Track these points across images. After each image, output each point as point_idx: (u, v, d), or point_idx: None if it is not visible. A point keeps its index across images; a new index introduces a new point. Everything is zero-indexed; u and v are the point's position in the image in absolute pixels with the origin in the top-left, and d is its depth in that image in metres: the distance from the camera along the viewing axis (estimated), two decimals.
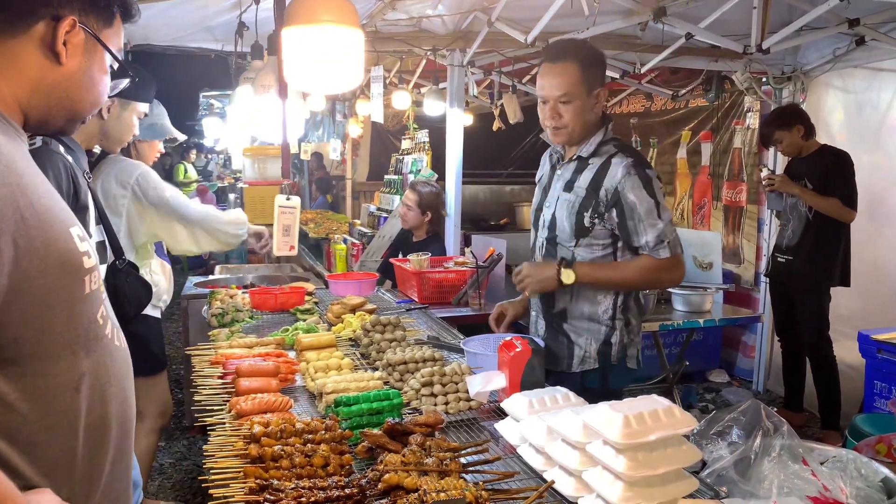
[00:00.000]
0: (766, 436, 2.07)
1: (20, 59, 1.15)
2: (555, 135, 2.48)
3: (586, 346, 2.50)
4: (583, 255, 2.47)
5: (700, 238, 4.98)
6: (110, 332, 1.29)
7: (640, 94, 7.59)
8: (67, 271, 1.14)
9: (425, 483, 1.53)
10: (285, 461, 1.64)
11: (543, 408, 1.88)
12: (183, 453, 4.51)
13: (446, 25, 4.61)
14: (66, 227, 1.17)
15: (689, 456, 1.52)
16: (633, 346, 2.54)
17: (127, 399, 1.34)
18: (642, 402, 1.55)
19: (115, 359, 1.30)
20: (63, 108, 1.24)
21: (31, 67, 1.16)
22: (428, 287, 3.93)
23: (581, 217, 2.44)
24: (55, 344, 1.14)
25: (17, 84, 1.17)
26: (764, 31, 3.83)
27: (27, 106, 1.20)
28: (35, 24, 1.15)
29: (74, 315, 1.17)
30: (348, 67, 1.50)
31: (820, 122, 5.06)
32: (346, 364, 2.42)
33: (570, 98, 2.38)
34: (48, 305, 1.12)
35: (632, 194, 2.33)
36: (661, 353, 4.77)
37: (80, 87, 1.24)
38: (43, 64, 1.17)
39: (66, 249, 1.15)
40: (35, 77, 1.17)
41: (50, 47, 1.16)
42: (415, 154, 6.47)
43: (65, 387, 1.16)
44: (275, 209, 2.16)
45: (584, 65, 2.39)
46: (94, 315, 1.22)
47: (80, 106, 1.27)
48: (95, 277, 1.23)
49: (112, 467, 1.30)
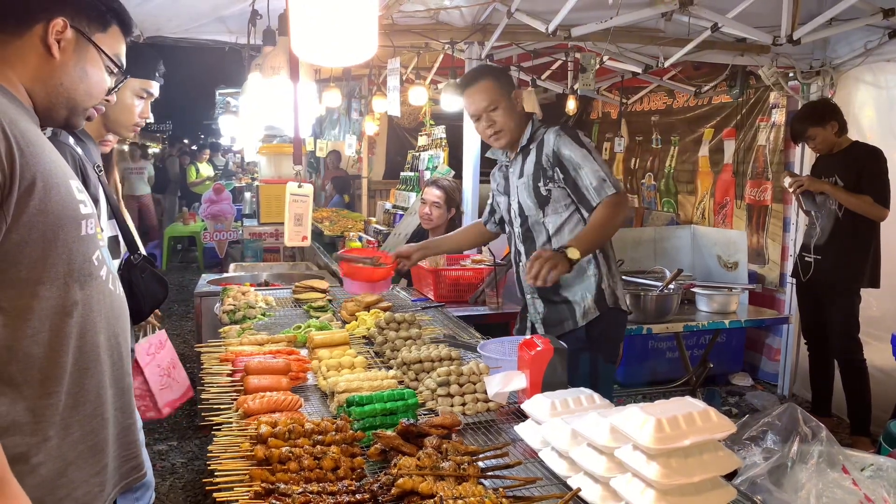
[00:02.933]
0: (804, 441, 1.95)
1: (25, 55, 1.41)
2: (497, 139, 2.86)
3: (583, 301, 2.80)
4: (553, 221, 2.81)
5: (724, 237, 4.84)
6: (105, 275, 1.49)
7: (661, 91, 7.46)
8: (65, 214, 1.35)
9: (441, 489, 1.43)
10: (293, 463, 1.55)
11: (567, 410, 1.78)
12: (195, 453, 4.45)
13: (464, 18, 4.52)
14: (66, 178, 1.39)
15: (727, 463, 1.41)
16: (619, 289, 2.85)
17: (118, 335, 1.52)
18: (676, 405, 1.44)
19: (109, 299, 1.49)
20: (60, 96, 1.46)
21: (32, 61, 1.41)
22: (444, 285, 3.84)
23: (538, 189, 2.80)
24: (49, 273, 1.34)
25: (23, 75, 1.41)
26: (794, 21, 3.70)
27: (31, 92, 1.43)
28: (35, 25, 1.40)
29: (70, 252, 1.37)
30: (361, 37, 1.40)
31: (850, 119, 4.89)
32: (360, 362, 2.32)
33: (496, 105, 2.79)
34: (47, 239, 1.32)
35: (566, 149, 2.71)
36: (683, 354, 4.65)
37: (72, 78, 1.46)
38: (41, 58, 1.41)
39: (66, 195, 1.36)
40: (35, 68, 1.42)
41: (44, 42, 1.40)
42: (431, 150, 6.38)
43: (56, 310, 1.35)
44: (286, 197, 2.07)
45: (494, 77, 2.83)
46: (88, 255, 1.42)
47: (75, 94, 1.48)
48: (91, 224, 1.43)
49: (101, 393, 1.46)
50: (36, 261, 1.32)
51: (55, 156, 1.40)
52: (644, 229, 5.83)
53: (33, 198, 1.29)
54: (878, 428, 4.21)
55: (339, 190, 10.16)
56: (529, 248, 2.88)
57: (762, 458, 2.00)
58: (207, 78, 13.28)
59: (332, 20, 1.39)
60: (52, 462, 1.36)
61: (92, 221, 1.44)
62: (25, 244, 1.30)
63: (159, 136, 22.35)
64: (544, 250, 2.46)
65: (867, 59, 4.76)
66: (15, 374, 1.31)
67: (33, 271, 1.32)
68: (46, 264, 1.33)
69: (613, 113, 8.54)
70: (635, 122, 8.10)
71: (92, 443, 1.45)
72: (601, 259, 2.80)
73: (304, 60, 1.81)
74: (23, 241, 1.29)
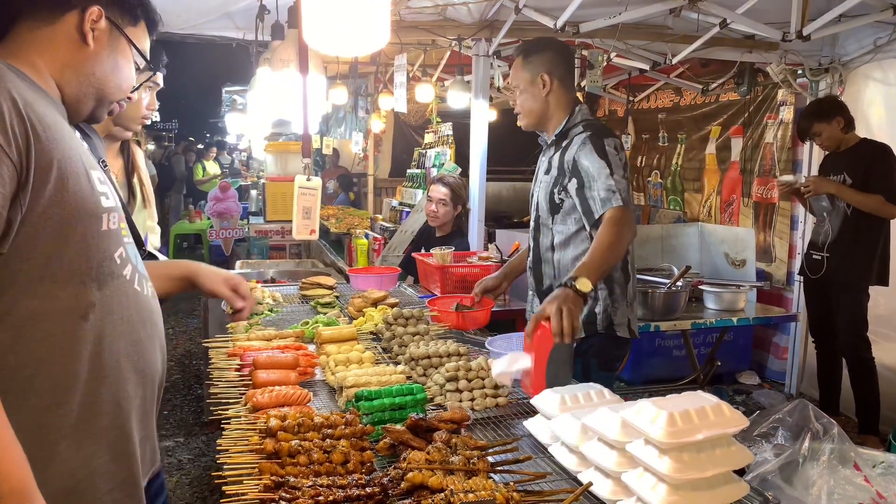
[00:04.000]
0: (815, 438, 1.94)
1: (56, 42, 1.36)
2: (519, 119, 2.75)
3: None
4: (560, 231, 2.66)
5: (732, 234, 4.82)
6: (130, 275, 1.40)
7: (668, 89, 7.43)
8: (84, 206, 1.27)
9: (452, 483, 1.42)
10: (303, 457, 1.54)
11: (577, 405, 1.77)
12: (202, 449, 4.45)
13: (472, 14, 4.51)
14: (86, 167, 1.31)
15: (740, 458, 1.40)
16: (620, 315, 2.62)
17: (143, 341, 1.42)
18: (688, 399, 1.43)
19: (134, 301, 1.40)
20: (91, 85, 1.41)
21: (64, 49, 1.36)
22: (451, 282, 3.82)
23: (552, 195, 2.65)
24: (64, 270, 1.25)
25: (52, 63, 1.36)
26: (804, 17, 3.68)
27: (61, 81, 1.38)
28: (68, 12, 1.36)
29: (89, 248, 1.29)
30: (373, 26, 1.40)
31: (858, 116, 4.87)
32: (368, 357, 2.32)
33: (516, 85, 2.68)
34: (62, 233, 1.24)
35: (585, 160, 2.50)
36: (691, 352, 4.63)
37: (104, 68, 1.41)
38: (73, 46, 1.37)
39: (85, 185, 1.29)
40: (67, 56, 1.37)
41: (79, 30, 1.36)
42: (438, 148, 6.37)
43: (70, 312, 1.27)
44: (294, 190, 2.06)
45: (524, 56, 2.66)
46: (110, 252, 1.34)
47: (106, 86, 1.43)
48: (115, 218, 1.35)
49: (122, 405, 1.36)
50: (49, 256, 1.23)
51: (75, 143, 1.33)
52: (652, 227, 5.81)
53: (49, 186, 1.21)
54: (887, 426, 4.19)
55: (344, 188, 10.16)
56: (536, 244, 2.78)
57: (773, 454, 1.99)
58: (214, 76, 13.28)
59: (344, 9, 1.37)
60: (60, 479, 1.26)
61: (115, 216, 1.36)
62: (38, 238, 1.21)
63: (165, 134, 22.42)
64: (555, 301, 2.08)
65: (876, 55, 4.73)
66: (21, 382, 1.21)
67: (46, 269, 1.23)
68: (62, 261, 1.25)
69: (620, 111, 8.51)
70: (642, 120, 8.08)
71: (108, 458, 1.35)
72: (602, 282, 2.59)
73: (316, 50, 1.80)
74: (36, 235, 1.21)
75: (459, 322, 2.90)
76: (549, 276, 2.71)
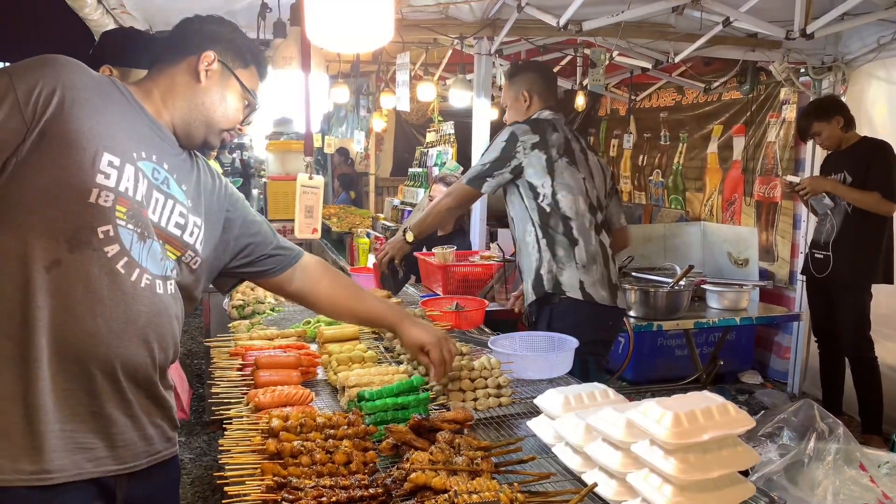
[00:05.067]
0: (821, 438, 1.92)
1: (174, 77, 1.62)
2: None
3: (527, 280, 2.98)
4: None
5: (735, 234, 4.81)
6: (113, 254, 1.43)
7: (670, 88, 7.41)
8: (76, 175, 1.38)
9: (455, 484, 1.41)
10: (305, 457, 1.53)
11: (580, 405, 1.76)
12: (203, 449, 4.44)
13: (474, 12, 4.49)
14: (100, 147, 1.41)
15: (746, 458, 1.39)
16: (567, 276, 2.86)
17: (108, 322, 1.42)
18: (694, 399, 1.42)
19: (111, 281, 1.43)
20: (199, 113, 1.63)
21: (180, 83, 1.61)
22: (453, 281, 3.81)
23: None
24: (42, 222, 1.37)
25: (166, 93, 1.60)
26: (808, 15, 3.66)
27: (172, 108, 1.61)
28: (189, 56, 1.62)
29: (69, 212, 1.38)
30: (376, 22, 1.39)
31: (862, 115, 4.86)
32: (370, 357, 2.31)
33: (504, 104, 3.17)
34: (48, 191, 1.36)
35: None
36: (693, 352, 4.62)
37: (212, 99, 1.64)
38: (188, 81, 1.61)
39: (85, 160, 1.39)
40: (181, 89, 1.61)
41: (194, 69, 1.61)
42: (440, 146, 6.36)
43: (36, 259, 1.36)
44: (296, 189, 2.05)
45: (509, 77, 3.13)
46: (90, 223, 1.40)
47: (213, 115, 1.65)
48: (108, 198, 1.41)
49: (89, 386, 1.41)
50: (28, 206, 1.36)
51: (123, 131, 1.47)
52: (654, 226, 5.80)
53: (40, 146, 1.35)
54: (891, 426, 4.18)
55: (346, 187, 10.15)
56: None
57: (778, 454, 1.98)
58: None
59: (347, 5, 1.37)
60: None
61: (109, 196, 1.41)
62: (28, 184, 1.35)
63: None
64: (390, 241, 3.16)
65: (880, 54, 4.72)
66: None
67: (29, 214, 1.36)
68: (43, 214, 1.36)
69: (622, 109, 8.50)
70: (644, 119, 8.06)
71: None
72: (544, 245, 2.90)
73: (319, 46, 1.79)
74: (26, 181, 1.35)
75: (455, 322, 2.92)
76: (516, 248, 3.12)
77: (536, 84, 3.06)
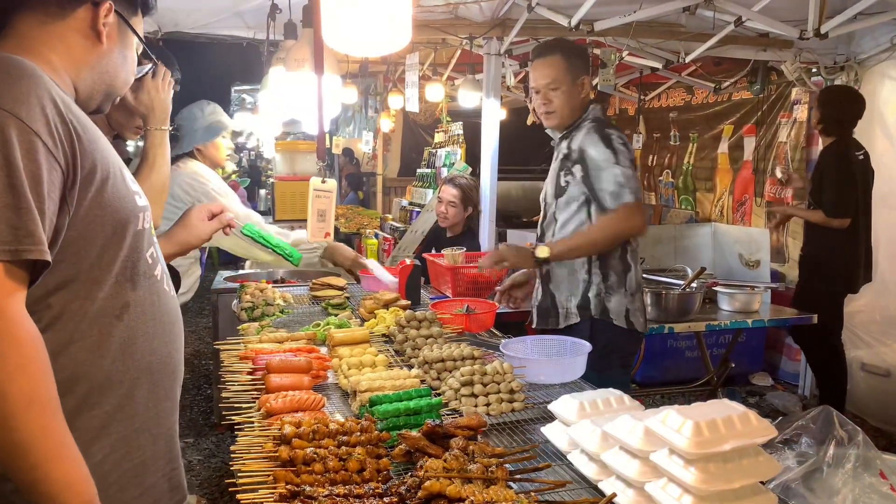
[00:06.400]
0: (840, 445, 1.89)
1: (68, 39, 1.32)
2: (546, 119, 2.81)
3: (566, 303, 2.76)
4: (563, 216, 2.76)
5: (746, 235, 4.76)
6: (160, 275, 1.41)
7: (680, 88, 7.37)
8: (124, 206, 1.28)
9: (470, 492, 1.39)
10: (318, 465, 1.51)
11: (596, 411, 1.73)
12: (211, 450, 4.44)
13: (483, 12, 4.46)
14: (119, 167, 1.32)
15: (768, 468, 1.36)
16: (615, 303, 2.69)
17: (174, 342, 1.43)
18: (714, 408, 1.40)
19: (164, 300, 1.40)
20: (104, 82, 1.40)
21: (77, 46, 1.33)
22: (462, 283, 3.79)
23: (559, 178, 2.78)
24: (104, 270, 1.26)
25: (68, 61, 1.33)
26: (822, 14, 3.62)
27: (76, 80, 1.35)
28: (78, 7, 1.32)
29: (128, 248, 1.29)
30: (394, 25, 1.36)
31: (874, 115, 4.82)
32: (381, 361, 2.29)
33: (557, 85, 2.72)
34: (105, 234, 1.25)
35: (592, 149, 2.63)
36: (704, 354, 4.58)
37: (115, 64, 1.41)
38: (86, 43, 1.34)
39: (122, 185, 1.29)
40: (81, 55, 1.34)
41: (92, 28, 1.34)
42: (448, 147, 6.34)
43: (107, 312, 1.26)
44: (309, 192, 2.03)
45: (567, 56, 2.74)
46: (142, 251, 1.34)
47: (116, 81, 1.44)
48: (147, 217, 1.36)
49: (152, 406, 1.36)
50: (93, 259, 1.24)
51: (107, 143, 1.32)
52: (664, 227, 5.76)
53: (92, 188, 1.21)
54: None
55: (354, 187, 10.14)
56: (542, 234, 2.90)
57: (796, 462, 1.95)
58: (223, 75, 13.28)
59: (364, 8, 1.34)
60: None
61: (148, 214, 1.37)
62: (83, 240, 1.22)
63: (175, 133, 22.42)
64: (511, 245, 2.58)
65: (893, 53, 4.67)
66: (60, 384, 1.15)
67: (91, 271, 1.24)
68: (102, 262, 1.25)
69: (630, 109, 8.45)
70: (653, 119, 8.02)
71: (138, 461, 1.34)
72: (596, 267, 2.71)
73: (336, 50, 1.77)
74: (80, 237, 1.21)
75: (465, 325, 2.89)
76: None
77: (588, 69, 2.83)
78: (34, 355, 1.08)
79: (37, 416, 1.06)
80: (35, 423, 1.06)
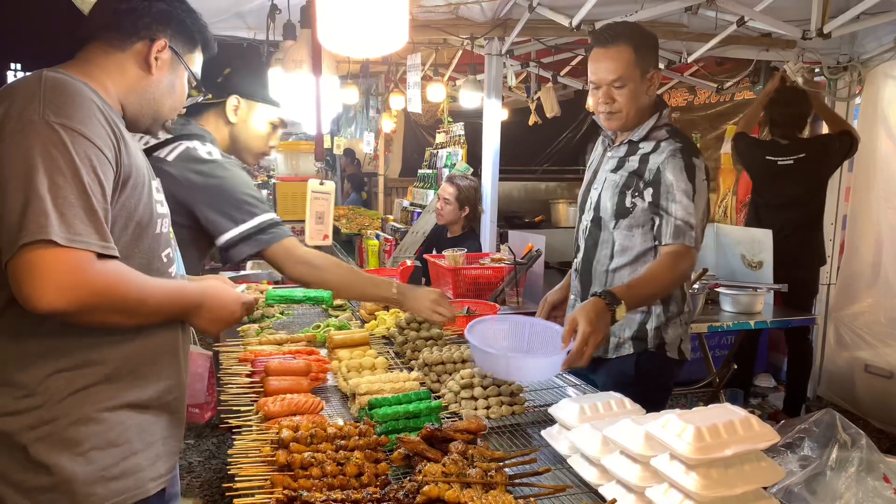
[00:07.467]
0: (843, 449, 1.87)
1: (124, 67, 1.52)
2: (608, 120, 2.41)
3: (620, 332, 2.40)
4: (622, 239, 2.40)
5: (749, 235, 4.73)
6: (173, 273, 1.60)
7: (682, 88, 7.35)
8: (147, 212, 1.48)
9: (469, 497, 1.38)
10: (316, 469, 1.50)
11: (596, 415, 1.72)
12: (212, 451, 4.42)
13: (484, 13, 4.46)
14: (148, 178, 1.51)
15: (770, 474, 1.35)
16: (672, 334, 2.41)
17: (183, 339, 1.63)
18: (716, 412, 1.38)
19: None
20: (150, 108, 1.59)
21: (130, 74, 1.53)
22: (463, 284, 3.78)
23: (623, 196, 2.38)
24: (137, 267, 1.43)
25: (120, 86, 1.52)
26: (825, 14, 3.60)
27: (124, 103, 1.54)
28: (137, 42, 1.52)
29: (146, 248, 1.49)
30: (390, 26, 1.35)
31: (877, 115, 4.80)
32: (381, 363, 2.27)
33: (623, 82, 2.30)
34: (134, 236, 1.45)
35: (671, 175, 2.27)
36: (706, 356, 4.56)
37: (162, 92, 1.58)
38: (139, 73, 1.53)
39: (147, 194, 1.49)
40: (132, 82, 1.53)
41: (145, 59, 1.53)
42: (449, 147, 6.32)
43: None
44: (307, 194, 2.02)
45: (637, 47, 2.30)
46: (158, 251, 1.53)
47: (162, 108, 1.61)
48: (166, 223, 1.57)
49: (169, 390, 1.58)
50: (123, 256, 1.39)
51: (141, 155, 1.52)
52: None
53: (126, 192, 1.41)
54: None
55: (356, 188, 10.13)
56: (589, 247, 2.51)
57: (798, 465, 1.93)
58: None
59: (360, 8, 1.33)
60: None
61: (166, 221, 1.58)
62: (117, 237, 1.39)
63: None
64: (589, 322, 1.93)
65: None
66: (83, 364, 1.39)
67: None
68: (129, 261, 1.42)
69: None
70: None
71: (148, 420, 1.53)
72: None
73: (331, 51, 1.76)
74: (115, 234, 1.39)
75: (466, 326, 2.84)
76: (599, 282, 2.46)
77: (657, 60, 2.43)
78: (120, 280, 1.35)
79: (144, 297, 1.41)
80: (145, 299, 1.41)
